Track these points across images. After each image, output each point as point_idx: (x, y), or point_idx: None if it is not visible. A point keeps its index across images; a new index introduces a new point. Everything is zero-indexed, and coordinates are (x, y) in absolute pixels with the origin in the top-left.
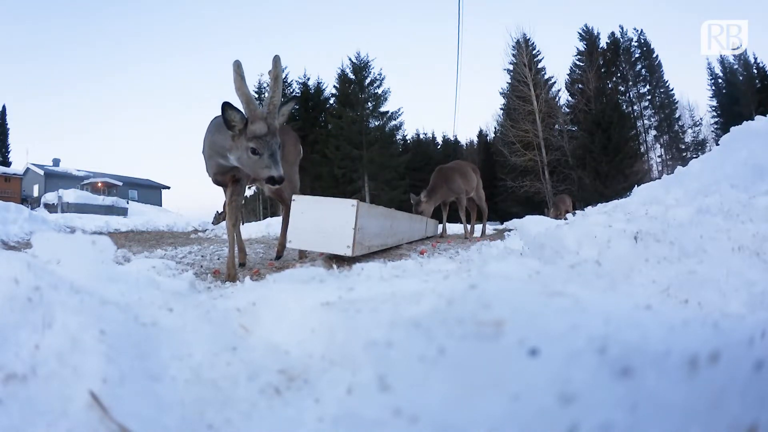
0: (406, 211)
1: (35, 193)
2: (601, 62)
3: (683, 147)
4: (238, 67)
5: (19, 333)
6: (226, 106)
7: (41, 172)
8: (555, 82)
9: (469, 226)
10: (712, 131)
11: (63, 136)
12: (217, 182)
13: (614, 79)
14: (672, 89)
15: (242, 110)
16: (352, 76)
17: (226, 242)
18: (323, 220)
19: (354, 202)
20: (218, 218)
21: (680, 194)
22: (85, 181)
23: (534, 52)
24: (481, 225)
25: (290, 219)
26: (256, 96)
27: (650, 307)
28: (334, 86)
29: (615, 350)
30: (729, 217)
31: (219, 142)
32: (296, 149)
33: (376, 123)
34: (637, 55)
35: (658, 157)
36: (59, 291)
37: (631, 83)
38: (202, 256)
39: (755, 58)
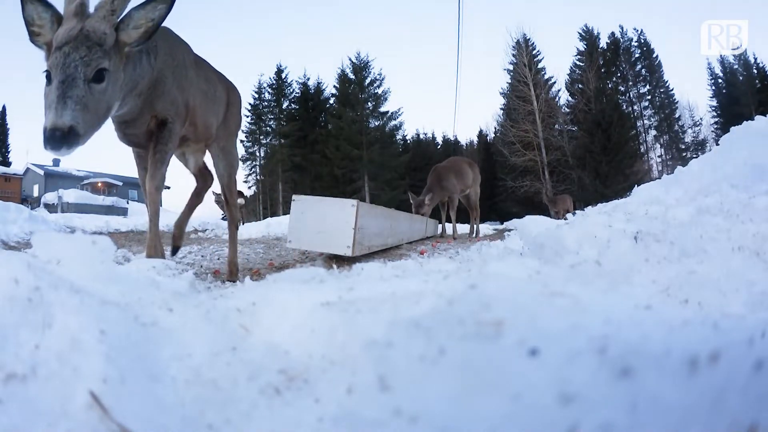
0: (406, 211)
1: (35, 193)
2: (601, 62)
3: (683, 147)
4: None
5: (19, 333)
6: None
7: (41, 172)
8: (555, 82)
9: (457, 225)
10: (712, 131)
11: None
12: (130, 142)
13: (614, 79)
14: (672, 89)
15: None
16: (352, 76)
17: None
18: (323, 220)
19: (354, 202)
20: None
21: (680, 194)
22: (85, 181)
23: (534, 52)
24: (473, 224)
25: (290, 219)
26: (256, 96)
27: (650, 307)
28: (334, 86)
29: (615, 350)
30: (729, 217)
31: None
32: (238, 118)
33: (376, 123)
34: (637, 55)
35: (658, 157)
36: (59, 291)
37: (631, 83)
38: (202, 256)
39: (755, 58)
